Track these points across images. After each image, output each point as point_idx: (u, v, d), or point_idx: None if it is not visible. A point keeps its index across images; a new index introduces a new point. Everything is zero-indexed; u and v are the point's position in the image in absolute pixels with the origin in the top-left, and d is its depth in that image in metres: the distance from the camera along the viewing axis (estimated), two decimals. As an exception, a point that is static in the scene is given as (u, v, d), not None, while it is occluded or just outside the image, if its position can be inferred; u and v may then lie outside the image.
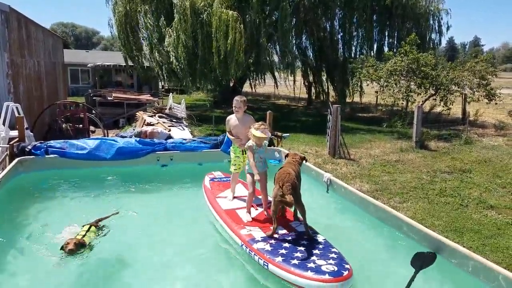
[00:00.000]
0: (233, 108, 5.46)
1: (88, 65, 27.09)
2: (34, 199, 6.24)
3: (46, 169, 7.29)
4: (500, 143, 11.59)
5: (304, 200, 4.43)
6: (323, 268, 3.76)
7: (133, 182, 7.24)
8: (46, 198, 6.32)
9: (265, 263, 3.96)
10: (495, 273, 3.83)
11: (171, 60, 14.43)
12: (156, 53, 16.23)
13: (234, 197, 5.60)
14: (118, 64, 23.83)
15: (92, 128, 13.37)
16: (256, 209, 5.12)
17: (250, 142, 4.88)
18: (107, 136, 11.65)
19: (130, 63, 18.86)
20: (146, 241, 4.99)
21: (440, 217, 5.93)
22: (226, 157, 6.13)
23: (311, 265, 3.81)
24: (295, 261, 3.88)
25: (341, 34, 19.29)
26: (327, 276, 3.65)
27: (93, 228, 4.82)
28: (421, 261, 3.53)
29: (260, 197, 5.26)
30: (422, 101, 14.72)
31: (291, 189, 4.18)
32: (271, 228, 4.42)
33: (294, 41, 18.78)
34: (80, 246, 4.36)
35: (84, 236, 4.57)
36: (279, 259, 3.92)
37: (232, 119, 5.54)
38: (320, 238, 4.37)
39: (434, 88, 14.41)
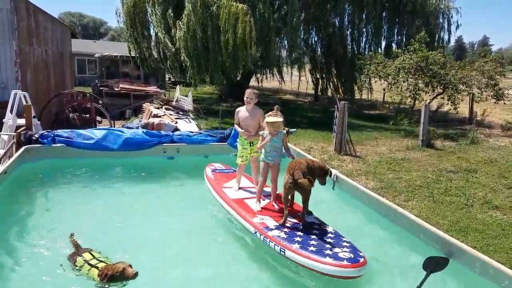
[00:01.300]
0: (245, 99, 5.54)
1: (95, 55, 27.10)
2: (40, 188, 6.28)
3: (52, 158, 7.33)
4: (507, 144, 11.53)
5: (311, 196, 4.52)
6: (340, 255, 3.94)
7: (139, 173, 7.31)
8: (52, 187, 6.38)
9: (282, 249, 4.11)
10: (504, 274, 3.86)
11: (180, 52, 14.41)
12: (164, 45, 16.21)
13: (240, 188, 5.73)
14: (125, 55, 23.80)
15: (98, 118, 13.43)
16: (264, 200, 5.26)
17: (266, 132, 4.95)
18: (114, 126, 11.72)
19: (137, 54, 18.81)
20: (156, 231, 5.06)
21: (445, 216, 5.94)
22: (233, 151, 6.18)
23: (328, 252, 3.99)
24: (312, 248, 4.05)
25: (350, 30, 19.23)
26: (345, 262, 3.81)
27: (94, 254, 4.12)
28: (432, 265, 3.54)
29: (266, 189, 5.36)
30: (430, 99, 14.65)
31: (301, 174, 4.33)
32: (282, 216, 4.60)
33: (302, 37, 18.68)
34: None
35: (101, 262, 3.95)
36: (296, 246, 4.10)
37: (242, 111, 5.63)
38: (329, 228, 4.56)
39: (442, 87, 14.34)
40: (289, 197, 4.73)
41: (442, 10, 18.84)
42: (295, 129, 8.83)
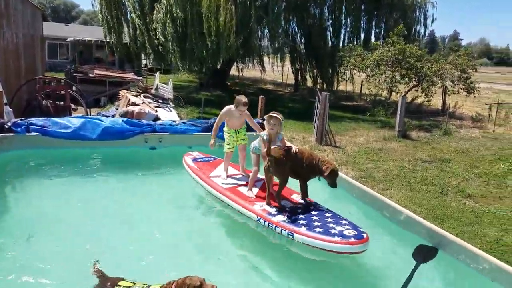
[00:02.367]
0: (237, 107, 5.64)
1: (68, 40, 26.29)
2: (14, 180, 6.08)
3: (27, 148, 7.09)
4: (477, 135, 11.97)
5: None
6: (346, 233, 4.21)
7: (120, 164, 7.16)
8: (27, 179, 6.18)
9: (289, 233, 4.33)
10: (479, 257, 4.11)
11: (157, 37, 14.14)
12: (141, 30, 15.87)
13: (228, 176, 5.83)
14: (100, 39, 23.16)
15: (73, 106, 13.08)
16: (255, 187, 5.47)
17: (263, 134, 5.08)
18: (90, 114, 11.46)
19: (112, 39, 18.32)
20: (148, 222, 5.04)
21: (422, 204, 6.13)
22: (218, 141, 6.18)
23: (334, 231, 4.25)
24: (319, 229, 4.28)
25: (330, 21, 19.33)
26: (352, 239, 4.10)
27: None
28: (423, 254, 3.68)
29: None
30: (405, 91, 15.01)
31: (273, 159, 4.68)
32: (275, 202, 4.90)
33: (283, 26, 18.67)
34: None
35: None
36: (303, 228, 4.32)
37: (232, 113, 5.75)
38: (324, 208, 4.85)
39: (417, 79, 14.71)
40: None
41: (419, 4, 19.23)
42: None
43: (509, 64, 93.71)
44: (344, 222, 4.49)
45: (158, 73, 15.71)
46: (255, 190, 5.36)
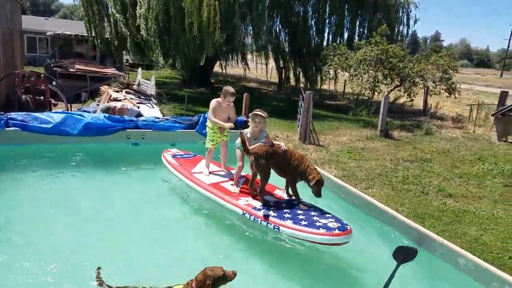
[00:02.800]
0: (225, 97, 5.75)
1: (47, 34, 25.67)
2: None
3: (5, 144, 6.97)
4: (457, 135, 12.17)
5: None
6: (330, 225, 4.40)
7: (101, 161, 7.07)
8: (4, 175, 6.06)
9: (275, 226, 4.50)
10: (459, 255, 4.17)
11: (140, 32, 13.93)
12: (123, 24, 15.60)
13: (210, 172, 5.94)
14: (80, 34, 22.71)
15: (53, 101, 12.78)
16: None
17: (247, 131, 5.26)
18: (70, 110, 11.23)
19: (93, 33, 17.95)
20: (128, 219, 4.97)
21: (404, 203, 6.20)
22: (201, 138, 6.20)
23: (319, 224, 4.43)
24: (304, 222, 4.45)
25: (314, 20, 19.38)
26: (337, 231, 4.31)
27: None
28: (402, 255, 3.73)
29: (233, 171, 5.86)
30: (388, 91, 15.16)
31: (255, 153, 4.86)
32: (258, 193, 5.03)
33: (267, 24, 18.62)
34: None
35: None
36: (289, 222, 4.47)
37: (220, 106, 5.84)
38: (307, 203, 4.99)
39: (399, 79, 14.88)
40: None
41: (402, 5, 19.41)
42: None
43: (489, 66, 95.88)
44: (328, 215, 4.67)
45: (140, 68, 15.45)
46: (239, 185, 5.49)
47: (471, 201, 6.46)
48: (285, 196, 5.29)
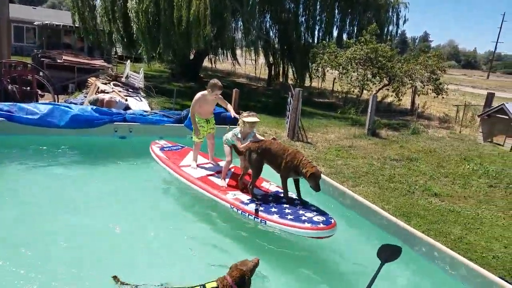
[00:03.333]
0: (211, 92, 5.79)
1: (35, 23, 25.28)
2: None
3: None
4: (444, 135, 12.32)
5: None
6: (315, 219, 4.50)
7: (87, 153, 7.00)
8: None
9: (262, 220, 4.60)
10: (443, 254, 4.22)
11: (129, 25, 13.76)
12: (111, 16, 15.41)
13: (197, 165, 5.99)
14: (68, 24, 22.37)
15: (40, 92, 12.58)
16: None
17: (237, 131, 5.39)
18: (57, 101, 11.08)
19: (81, 24, 17.66)
20: (108, 216, 4.92)
21: (390, 201, 6.25)
22: (190, 133, 6.16)
23: (304, 218, 4.54)
24: (290, 216, 4.56)
25: (305, 17, 19.34)
26: (321, 225, 4.41)
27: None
28: (387, 254, 3.74)
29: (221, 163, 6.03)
30: (376, 90, 15.27)
31: (249, 148, 5.02)
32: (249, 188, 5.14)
33: (257, 20, 18.55)
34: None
35: None
36: (276, 216, 4.57)
37: (205, 99, 5.88)
38: (293, 196, 5.10)
39: (388, 78, 14.99)
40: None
41: (392, 4, 19.51)
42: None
43: (476, 67, 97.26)
44: (313, 208, 4.81)
45: (129, 61, 15.29)
46: (227, 179, 5.57)
47: (456, 201, 6.54)
48: (271, 189, 5.42)
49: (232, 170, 5.84)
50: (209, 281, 3.34)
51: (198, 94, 5.84)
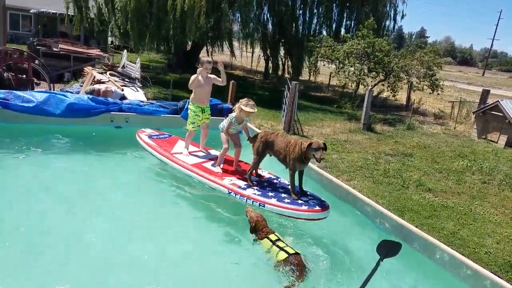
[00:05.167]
0: (203, 67, 6.04)
1: (31, 11, 25.01)
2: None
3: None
4: (438, 131, 12.40)
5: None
6: (311, 202, 4.91)
7: (83, 142, 6.98)
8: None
9: (261, 204, 4.86)
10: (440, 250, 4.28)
11: (120, 15, 13.63)
12: (105, 6, 15.26)
13: (189, 153, 6.16)
14: (65, 13, 22.18)
15: (35, 80, 12.47)
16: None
17: (232, 116, 5.56)
18: (53, 90, 11.01)
19: (76, 13, 17.48)
20: (104, 204, 4.93)
21: (384, 196, 6.30)
22: (185, 124, 6.17)
23: (301, 201, 4.88)
24: (287, 200, 4.86)
25: (302, 11, 19.26)
26: (317, 208, 4.78)
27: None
28: (386, 249, 3.74)
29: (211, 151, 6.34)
30: (372, 85, 15.29)
31: (254, 137, 5.41)
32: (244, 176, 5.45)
33: (255, 12, 18.44)
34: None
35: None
36: (274, 200, 4.85)
37: (198, 79, 6.04)
38: (287, 182, 5.35)
39: (384, 74, 15.01)
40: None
41: (390, -1, 19.50)
42: None
43: (472, 64, 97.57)
44: (308, 193, 5.17)
45: (125, 51, 15.14)
46: (221, 165, 5.79)
47: (450, 196, 6.61)
48: (265, 175, 5.69)
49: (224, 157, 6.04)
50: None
51: (192, 77, 6.03)
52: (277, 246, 4.07)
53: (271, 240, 4.16)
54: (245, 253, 4.33)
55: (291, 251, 4.00)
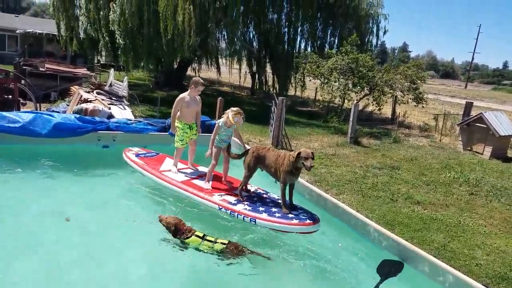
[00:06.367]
0: (194, 88, 6.17)
1: (17, 31, 24.94)
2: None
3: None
4: (424, 144, 12.56)
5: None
6: (301, 216, 4.95)
7: (70, 163, 6.89)
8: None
9: (252, 219, 4.90)
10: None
11: (113, 34, 13.72)
12: (95, 26, 15.32)
13: (178, 170, 6.17)
14: (51, 33, 22.16)
15: (21, 100, 12.33)
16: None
17: (220, 121, 5.71)
18: (39, 109, 10.91)
19: (64, 33, 17.52)
20: (91, 225, 4.86)
21: (373, 210, 6.32)
22: (173, 141, 6.15)
23: (291, 215, 4.94)
24: (278, 214, 4.91)
25: (287, 28, 19.55)
26: (308, 221, 4.84)
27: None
28: (387, 269, 3.68)
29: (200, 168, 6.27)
30: (357, 99, 15.50)
31: (246, 152, 5.49)
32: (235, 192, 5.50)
33: (241, 30, 18.67)
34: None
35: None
36: (264, 215, 4.89)
37: (187, 98, 6.14)
38: (276, 196, 5.45)
39: (369, 88, 15.25)
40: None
41: (372, 16, 19.86)
42: None
43: (454, 77, 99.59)
44: (298, 207, 5.23)
45: (112, 69, 15.14)
46: (210, 182, 5.79)
47: (439, 209, 6.66)
48: (253, 190, 5.75)
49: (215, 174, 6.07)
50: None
51: (180, 96, 6.11)
52: (208, 240, 4.31)
53: (199, 237, 4.36)
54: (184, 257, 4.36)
55: (225, 241, 4.30)
